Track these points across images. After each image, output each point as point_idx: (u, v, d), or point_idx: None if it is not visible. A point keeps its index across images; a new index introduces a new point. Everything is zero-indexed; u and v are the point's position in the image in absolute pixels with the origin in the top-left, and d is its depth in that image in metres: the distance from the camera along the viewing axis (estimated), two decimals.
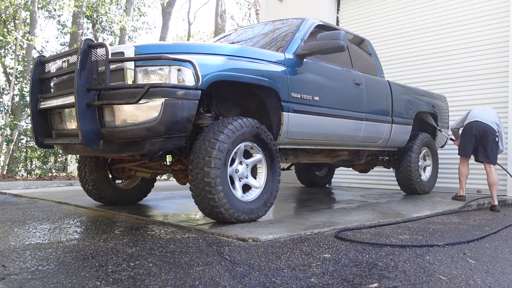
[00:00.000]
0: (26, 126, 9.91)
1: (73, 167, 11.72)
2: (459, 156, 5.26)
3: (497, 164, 5.17)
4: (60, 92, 3.23)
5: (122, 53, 2.99)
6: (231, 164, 3.20)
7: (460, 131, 5.40)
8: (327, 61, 4.20)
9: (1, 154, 9.19)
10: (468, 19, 6.55)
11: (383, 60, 6.39)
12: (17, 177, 8.15)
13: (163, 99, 2.84)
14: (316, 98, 3.88)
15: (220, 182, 2.99)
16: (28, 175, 9.69)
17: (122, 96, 2.91)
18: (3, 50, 10.81)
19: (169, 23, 17.03)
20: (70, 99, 3.07)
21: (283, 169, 5.56)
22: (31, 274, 1.99)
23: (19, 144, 10.59)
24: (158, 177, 8.44)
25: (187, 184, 3.35)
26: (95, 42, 2.99)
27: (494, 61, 6.27)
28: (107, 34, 12.76)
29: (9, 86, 9.74)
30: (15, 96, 10.24)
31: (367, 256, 2.46)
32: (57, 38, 21.26)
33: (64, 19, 13.06)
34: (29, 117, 6.83)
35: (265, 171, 3.42)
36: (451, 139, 5.89)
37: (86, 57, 2.92)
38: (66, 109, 3.23)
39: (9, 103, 9.26)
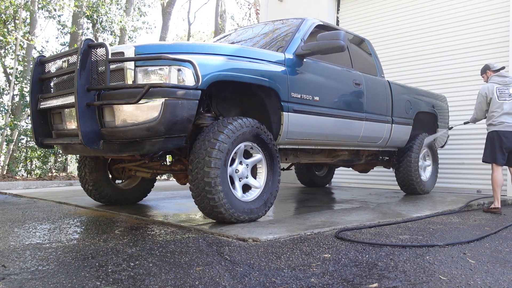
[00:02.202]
0: (26, 126, 9.91)
1: (73, 167, 11.72)
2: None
3: None
4: (60, 92, 3.23)
5: (122, 53, 2.99)
6: (231, 164, 3.20)
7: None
8: (327, 61, 4.20)
9: (1, 154, 9.19)
10: (468, 19, 6.55)
11: (383, 60, 6.40)
12: (17, 177, 8.15)
13: (163, 99, 2.84)
14: (316, 98, 3.88)
15: (220, 182, 2.99)
16: (28, 175, 9.69)
17: (122, 96, 2.91)
18: (3, 50, 10.81)
19: (169, 23, 17.02)
20: (70, 99, 3.07)
21: (283, 169, 5.56)
22: (31, 274, 1.99)
23: (19, 144, 10.59)
24: (158, 177, 8.45)
25: (187, 184, 3.35)
26: (95, 42, 2.99)
27: (494, 61, 6.25)
28: (107, 34, 12.76)
29: (9, 86, 9.74)
30: (15, 96, 10.24)
31: (367, 256, 2.46)
32: (57, 38, 21.25)
33: (64, 19, 13.05)
34: (29, 117, 6.83)
35: (265, 171, 3.42)
36: (465, 123, 5.44)
37: (86, 57, 2.92)
38: (66, 109, 3.23)
39: (9, 103, 9.26)
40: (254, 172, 3.41)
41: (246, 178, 3.32)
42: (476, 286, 1.96)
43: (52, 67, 3.39)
